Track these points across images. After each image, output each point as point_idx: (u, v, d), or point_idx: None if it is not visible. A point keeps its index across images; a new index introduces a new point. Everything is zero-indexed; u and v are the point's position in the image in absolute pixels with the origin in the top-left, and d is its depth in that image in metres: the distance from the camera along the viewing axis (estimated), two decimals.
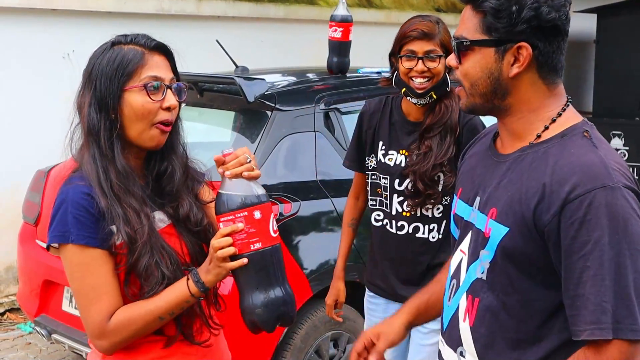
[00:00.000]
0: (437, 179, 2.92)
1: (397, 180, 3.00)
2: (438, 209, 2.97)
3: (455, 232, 1.95)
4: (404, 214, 3.00)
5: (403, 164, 2.98)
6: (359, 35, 5.38)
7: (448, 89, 2.93)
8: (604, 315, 1.54)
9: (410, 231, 3.01)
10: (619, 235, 1.55)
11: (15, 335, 5.35)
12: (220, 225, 1.90)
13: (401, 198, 2.99)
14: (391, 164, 3.01)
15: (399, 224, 3.02)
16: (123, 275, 1.93)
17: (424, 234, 3.00)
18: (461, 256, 1.86)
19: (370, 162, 3.09)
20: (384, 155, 3.03)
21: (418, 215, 2.98)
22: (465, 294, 1.80)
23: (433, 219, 2.98)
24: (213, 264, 1.91)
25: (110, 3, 6.11)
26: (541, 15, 1.64)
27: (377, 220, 3.10)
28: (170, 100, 1.96)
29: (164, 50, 2.01)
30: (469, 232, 1.83)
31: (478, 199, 1.80)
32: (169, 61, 2.02)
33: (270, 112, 3.95)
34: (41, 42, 5.83)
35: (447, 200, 2.95)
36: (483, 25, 1.69)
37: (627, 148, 9.45)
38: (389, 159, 3.02)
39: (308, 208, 3.90)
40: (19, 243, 4.45)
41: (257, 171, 1.93)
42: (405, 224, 3.01)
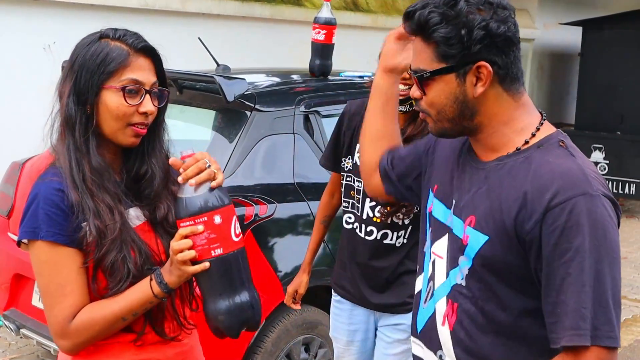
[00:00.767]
0: None
1: None
2: (408, 217, 2.95)
3: (427, 229, 1.93)
4: (375, 219, 2.98)
5: None
6: (344, 39, 5.37)
7: None
8: (583, 322, 1.56)
9: (379, 237, 2.99)
10: (599, 242, 1.57)
11: None
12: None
13: (373, 203, 2.97)
14: None
15: (369, 229, 3.00)
16: (90, 270, 1.90)
17: (391, 240, 2.98)
18: (434, 258, 1.86)
19: (347, 164, 3.07)
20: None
21: (388, 222, 2.96)
22: (445, 298, 1.81)
23: (402, 226, 2.97)
24: (174, 266, 1.88)
25: None
26: (492, 32, 1.65)
27: (348, 223, 3.09)
28: (147, 106, 1.92)
29: (150, 52, 1.96)
30: (444, 235, 1.83)
31: (454, 202, 1.81)
32: (154, 64, 1.97)
33: (249, 113, 3.92)
34: (22, 33, 5.76)
35: (418, 208, 2.93)
36: (438, 55, 1.69)
37: (607, 162, 9.53)
38: None
39: (284, 210, 3.87)
40: None
41: (220, 177, 1.90)
42: (374, 229, 2.99)
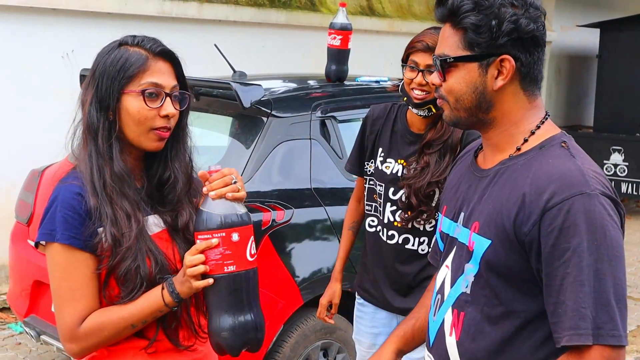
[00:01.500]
0: (432, 194, 2.90)
1: (392, 189, 2.98)
2: (430, 223, 2.95)
3: (442, 247, 1.95)
4: (396, 223, 2.98)
5: (399, 174, 2.96)
6: (361, 43, 5.37)
7: None
8: (583, 321, 1.56)
9: (400, 242, 2.99)
10: (598, 241, 1.57)
11: (5, 334, 5.33)
12: (197, 242, 1.88)
13: (394, 207, 2.98)
14: (388, 172, 3.00)
15: (390, 232, 3.01)
16: (103, 276, 1.91)
17: (413, 245, 2.98)
18: (446, 271, 1.87)
19: (369, 168, 3.08)
20: (382, 162, 3.02)
21: (409, 227, 2.96)
22: (450, 309, 1.81)
23: (424, 232, 2.96)
24: (185, 278, 1.89)
25: (111, 4, 6.10)
26: (520, 27, 1.68)
27: (371, 226, 3.09)
28: (168, 109, 1.94)
29: (169, 56, 1.98)
30: (453, 248, 1.85)
31: (462, 214, 1.82)
32: (174, 68, 1.99)
33: (266, 118, 3.93)
34: (40, 41, 5.82)
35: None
36: (465, 42, 1.71)
37: (627, 164, 9.46)
38: (386, 167, 3.01)
39: (301, 216, 3.88)
40: (11, 242, 4.43)
41: (243, 192, 1.91)
42: (395, 233, 2.99)
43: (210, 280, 1.86)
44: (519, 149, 1.74)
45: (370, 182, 3.08)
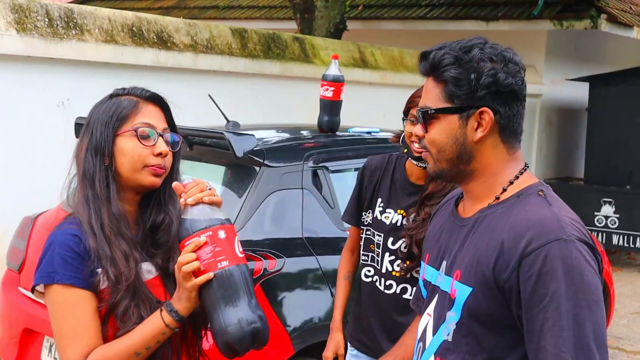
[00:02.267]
0: None
1: (391, 239, 3.01)
2: None
3: (425, 295, 1.97)
4: (394, 273, 3.00)
5: (399, 224, 3.00)
6: (353, 94, 5.44)
7: None
8: None
9: (398, 291, 3.01)
10: (575, 286, 1.60)
11: None
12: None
13: (392, 257, 3.00)
14: (387, 222, 3.03)
15: (388, 282, 3.02)
16: (102, 314, 1.93)
17: (411, 295, 2.99)
18: (427, 319, 1.89)
19: (367, 218, 3.11)
20: (381, 212, 3.05)
21: (408, 277, 2.98)
22: (433, 356, 1.82)
23: None
24: (182, 288, 1.91)
25: (107, 54, 6.16)
26: (499, 81, 1.73)
27: (367, 276, 3.10)
28: (161, 147, 2.00)
29: (158, 101, 2.07)
30: (435, 295, 1.87)
31: (444, 262, 1.85)
32: (163, 112, 2.07)
33: (258, 168, 3.97)
34: (36, 89, 5.86)
35: None
36: (445, 94, 1.77)
37: (618, 216, 9.50)
38: (385, 217, 3.04)
39: (293, 265, 3.88)
40: (2, 289, 4.41)
41: (219, 197, 1.96)
42: (393, 283, 3.01)
43: (210, 274, 1.87)
44: (497, 198, 1.78)
45: (368, 232, 3.10)
